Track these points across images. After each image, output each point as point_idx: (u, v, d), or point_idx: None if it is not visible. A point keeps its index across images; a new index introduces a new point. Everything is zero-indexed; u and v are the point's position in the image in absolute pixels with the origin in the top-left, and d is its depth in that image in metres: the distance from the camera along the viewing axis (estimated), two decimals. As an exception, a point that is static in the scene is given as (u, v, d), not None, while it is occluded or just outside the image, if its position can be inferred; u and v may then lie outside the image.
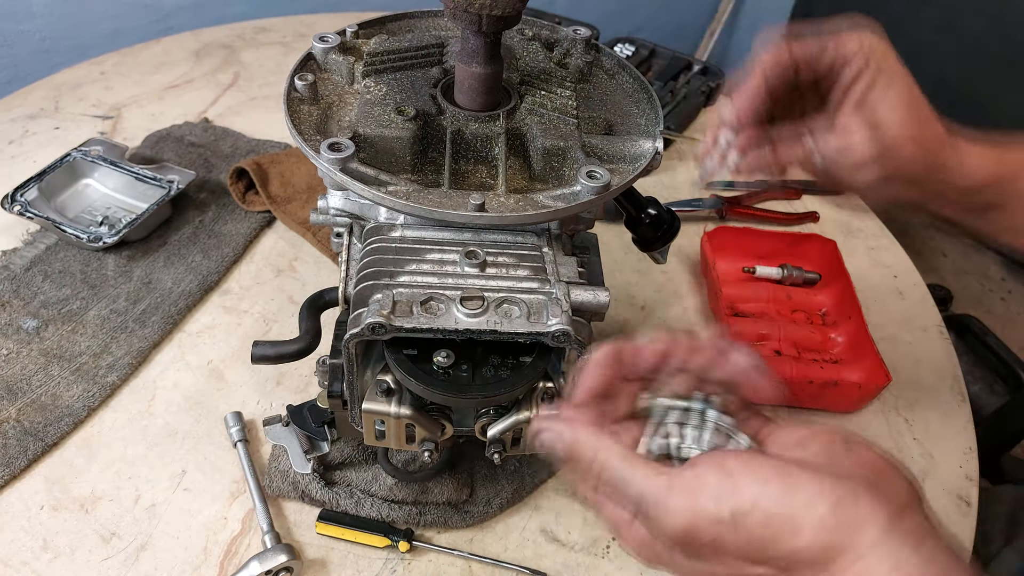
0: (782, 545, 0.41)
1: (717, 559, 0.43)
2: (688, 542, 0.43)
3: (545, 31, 0.79)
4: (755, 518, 0.41)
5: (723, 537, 0.42)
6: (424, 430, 0.61)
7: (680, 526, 0.42)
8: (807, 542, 0.40)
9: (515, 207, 0.59)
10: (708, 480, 0.43)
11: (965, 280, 2.44)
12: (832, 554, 0.40)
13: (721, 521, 0.41)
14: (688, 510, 0.42)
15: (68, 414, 0.81)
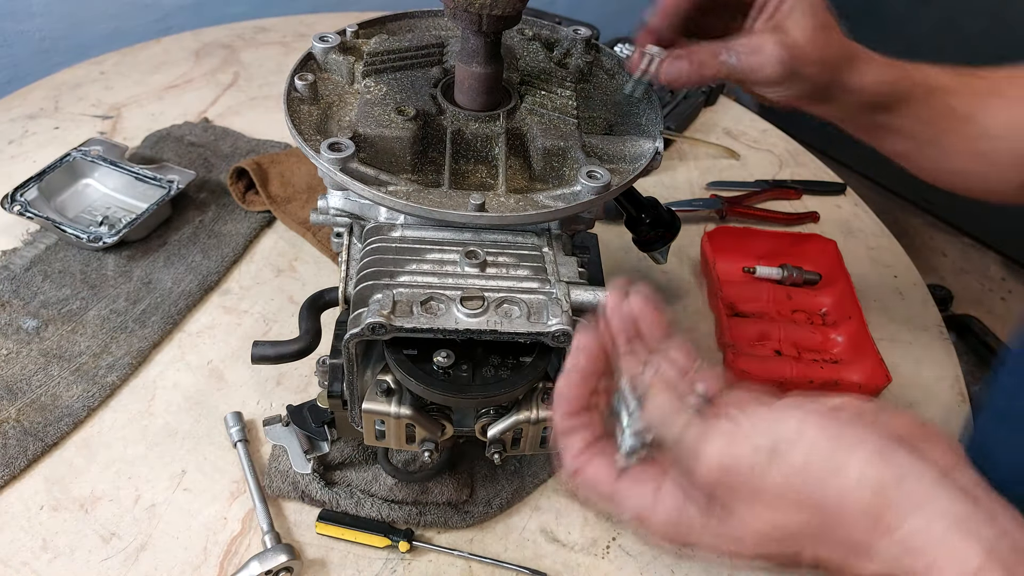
0: (827, 485, 0.38)
1: (757, 499, 0.40)
2: (727, 472, 0.41)
3: (545, 31, 0.79)
4: (797, 452, 0.39)
5: (763, 469, 0.39)
6: (424, 430, 0.61)
7: (720, 453, 0.41)
8: (854, 485, 0.38)
9: (515, 207, 0.59)
10: (751, 414, 0.41)
11: (965, 280, 2.44)
12: (883, 505, 0.37)
13: (760, 449, 0.40)
14: (730, 438, 0.41)
15: (68, 414, 0.81)
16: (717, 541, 0.44)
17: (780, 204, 1.23)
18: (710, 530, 0.43)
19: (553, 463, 0.82)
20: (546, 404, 0.61)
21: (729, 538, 0.43)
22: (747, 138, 1.37)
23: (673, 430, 0.44)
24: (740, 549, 0.43)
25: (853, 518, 0.38)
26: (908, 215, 2.64)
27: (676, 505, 0.44)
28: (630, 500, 0.46)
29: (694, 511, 0.44)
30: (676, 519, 0.44)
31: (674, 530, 0.45)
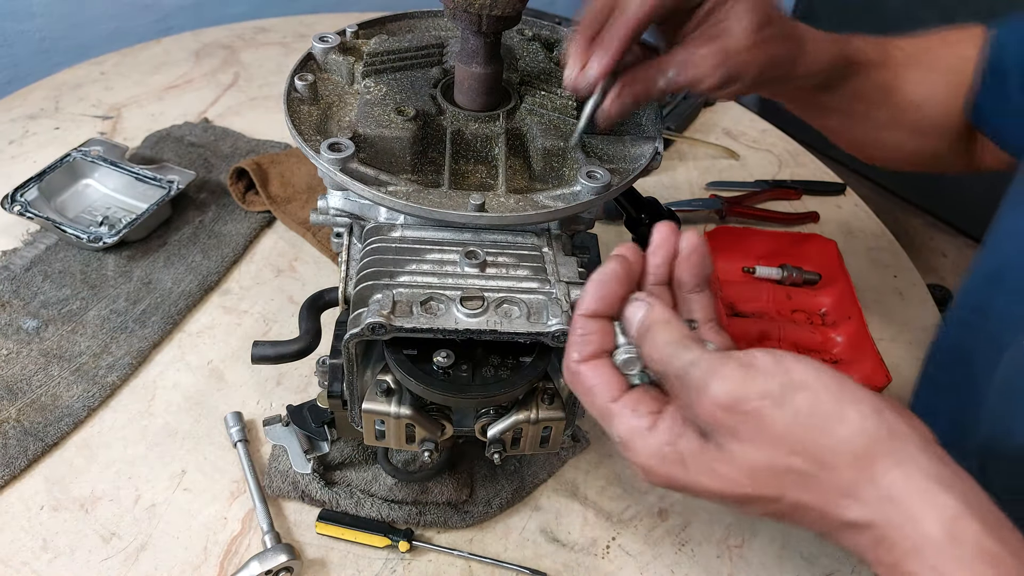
0: (827, 432, 0.41)
1: (755, 439, 0.42)
2: (730, 410, 0.42)
3: (545, 31, 0.79)
4: (803, 397, 0.41)
5: (767, 411, 0.41)
6: (424, 430, 0.61)
7: (727, 390, 0.42)
8: (851, 433, 0.40)
9: (515, 207, 0.59)
10: (762, 359, 0.43)
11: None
12: (873, 454, 0.40)
13: (769, 394, 0.41)
14: (738, 378, 0.42)
15: (68, 414, 0.81)
16: (703, 477, 0.44)
17: (780, 204, 1.23)
18: (700, 464, 0.44)
19: (553, 463, 0.82)
20: (546, 404, 0.61)
21: (717, 475, 0.43)
22: (747, 138, 1.37)
23: (677, 363, 0.44)
24: (725, 487, 0.43)
25: (845, 463, 0.40)
26: (908, 215, 2.64)
27: (671, 437, 0.45)
28: (623, 422, 0.46)
29: (688, 443, 0.44)
30: (668, 450, 0.45)
31: (661, 461, 0.45)
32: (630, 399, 0.47)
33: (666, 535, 0.78)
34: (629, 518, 0.79)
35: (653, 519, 0.79)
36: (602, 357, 0.49)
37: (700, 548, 0.77)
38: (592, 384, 0.48)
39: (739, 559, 0.77)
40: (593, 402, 0.48)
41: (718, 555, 0.77)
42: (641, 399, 0.47)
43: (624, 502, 0.80)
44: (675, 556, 0.76)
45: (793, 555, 0.78)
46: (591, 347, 0.49)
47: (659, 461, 0.45)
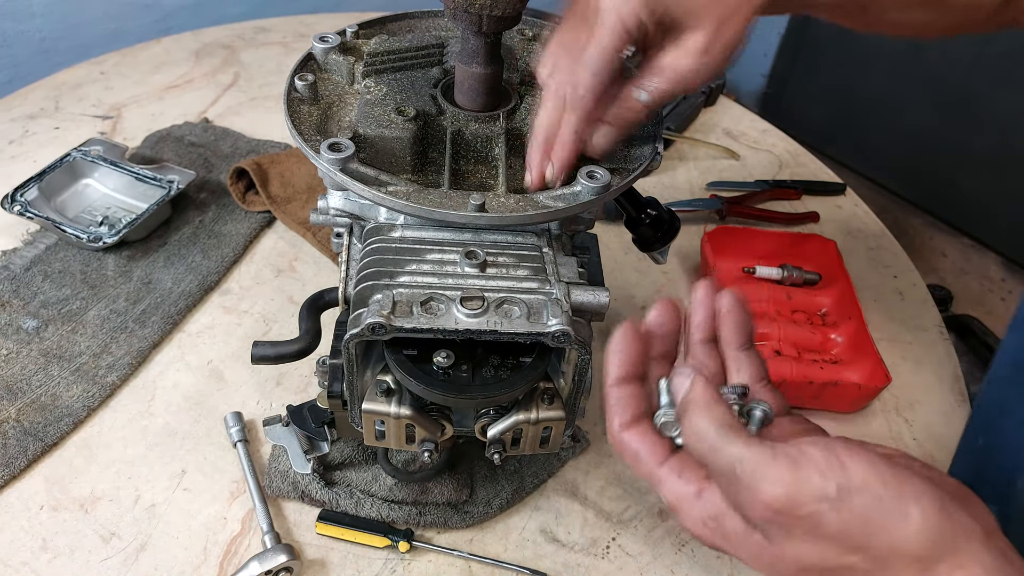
0: (887, 532, 0.39)
1: (809, 539, 0.40)
2: (783, 514, 0.40)
3: (545, 31, 0.79)
4: (863, 499, 0.39)
5: (823, 515, 0.40)
6: (424, 430, 0.61)
7: (779, 495, 0.40)
8: (913, 533, 0.39)
9: (515, 207, 0.59)
10: (814, 454, 0.41)
11: (965, 280, 2.44)
12: (936, 555, 0.39)
13: (826, 497, 0.39)
14: (791, 480, 0.40)
15: (68, 414, 0.81)
16: (752, 557, 0.44)
17: (780, 204, 1.23)
18: (746, 547, 0.43)
19: (553, 463, 0.82)
20: (546, 404, 0.61)
21: (763, 561, 0.43)
22: (747, 138, 1.37)
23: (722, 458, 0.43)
24: (772, 573, 0.43)
25: (904, 563, 0.39)
26: (908, 215, 2.64)
27: (716, 511, 0.44)
28: (670, 489, 0.46)
29: (733, 524, 0.43)
30: (714, 523, 0.44)
31: (710, 531, 0.45)
32: (676, 463, 0.46)
33: (666, 535, 0.78)
34: (629, 518, 0.79)
35: (653, 519, 0.79)
36: (643, 421, 0.49)
37: (700, 548, 0.77)
38: (636, 450, 0.48)
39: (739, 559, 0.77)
40: (639, 468, 0.48)
41: (718, 555, 0.77)
42: (687, 462, 0.46)
43: (624, 502, 0.80)
44: (675, 556, 0.76)
45: (793, 555, 0.78)
46: (629, 413, 0.48)
47: (702, 531, 0.45)
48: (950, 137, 2.46)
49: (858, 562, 0.40)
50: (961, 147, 2.45)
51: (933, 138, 2.50)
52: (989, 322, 2.05)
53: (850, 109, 2.68)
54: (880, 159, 2.68)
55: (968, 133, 2.41)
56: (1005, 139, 2.33)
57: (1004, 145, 2.34)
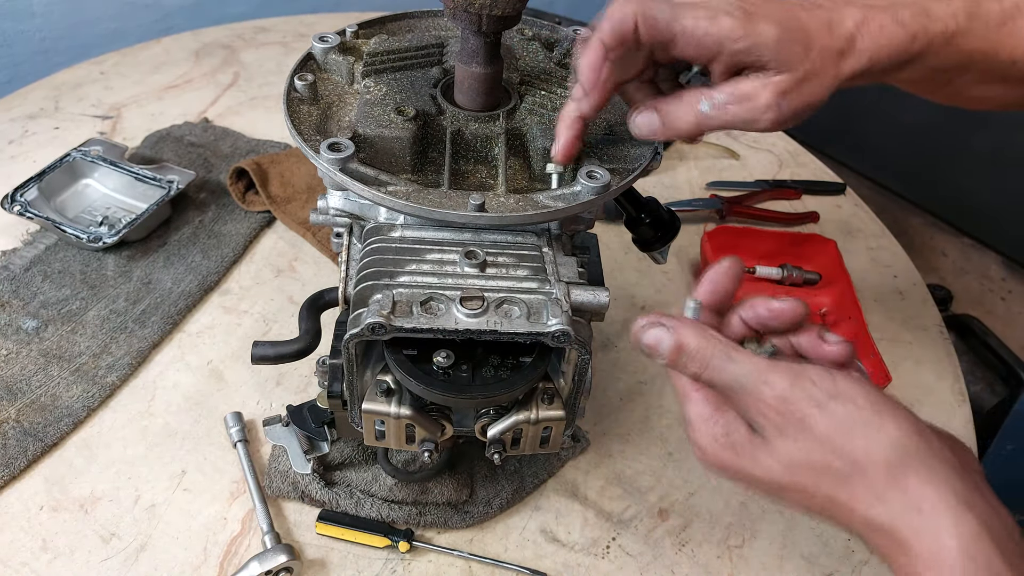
0: (863, 440, 0.45)
1: (798, 437, 0.46)
2: (779, 413, 0.46)
3: (545, 31, 0.79)
4: (846, 408, 0.45)
5: (812, 417, 0.46)
6: (424, 430, 0.61)
7: (776, 395, 0.46)
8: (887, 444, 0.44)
9: (515, 207, 0.59)
10: (810, 369, 0.47)
11: (965, 280, 2.44)
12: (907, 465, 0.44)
13: (815, 401, 0.46)
14: (788, 384, 0.47)
15: (68, 414, 0.81)
16: (748, 464, 0.49)
17: (780, 204, 1.23)
18: (747, 452, 0.49)
19: (553, 463, 0.82)
20: (546, 404, 0.61)
21: (760, 464, 0.48)
22: (747, 138, 1.37)
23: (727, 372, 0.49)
24: (765, 475, 0.48)
25: (875, 470, 0.44)
26: (908, 215, 2.64)
27: (726, 428, 0.50)
28: (694, 407, 0.52)
29: (739, 435, 0.49)
30: (724, 437, 0.50)
31: (715, 446, 0.50)
32: (707, 391, 0.52)
33: (666, 535, 0.78)
34: (629, 518, 0.79)
35: (653, 519, 0.79)
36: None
37: (700, 548, 0.77)
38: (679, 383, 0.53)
39: (739, 559, 0.77)
40: (678, 384, 0.53)
41: (718, 555, 0.77)
42: (712, 393, 0.51)
43: (624, 502, 0.80)
44: (675, 556, 0.76)
45: (793, 555, 0.78)
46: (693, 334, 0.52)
47: (713, 445, 0.50)
48: (950, 137, 2.46)
49: (838, 463, 0.45)
50: (961, 147, 2.45)
51: (933, 138, 2.50)
52: (989, 322, 2.05)
53: (850, 109, 2.68)
54: (880, 159, 2.68)
55: (968, 133, 2.41)
56: (1005, 139, 2.33)
57: (1004, 145, 2.34)
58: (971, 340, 1.97)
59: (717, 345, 0.50)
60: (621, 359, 0.95)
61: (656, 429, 0.88)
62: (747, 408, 0.48)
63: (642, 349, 0.52)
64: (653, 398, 0.91)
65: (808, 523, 0.81)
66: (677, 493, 0.82)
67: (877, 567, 0.78)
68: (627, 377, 0.93)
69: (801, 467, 0.46)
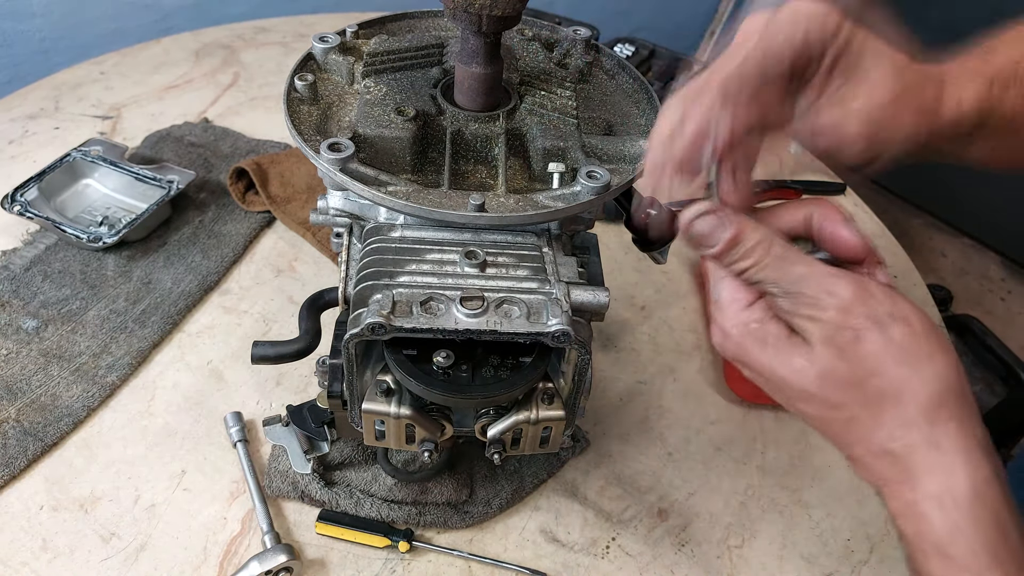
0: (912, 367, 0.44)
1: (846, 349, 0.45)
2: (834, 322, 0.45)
3: (545, 31, 0.79)
4: (902, 331, 0.45)
5: (867, 332, 0.45)
6: (424, 430, 0.61)
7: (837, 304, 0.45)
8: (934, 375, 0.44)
9: (515, 207, 0.59)
10: (873, 286, 0.46)
11: (965, 280, 2.44)
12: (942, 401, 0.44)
13: (874, 316, 0.45)
14: (851, 294, 0.45)
15: (68, 414, 0.81)
16: (776, 360, 0.47)
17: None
18: (780, 349, 0.47)
19: (553, 463, 0.82)
20: (545, 404, 0.61)
21: (791, 365, 0.47)
22: (747, 138, 1.37)
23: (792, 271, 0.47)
24: (793, 377, 0.47)
25: (912, 398, 0.44)
26: (908, 215, 2.64)
27: (762, 317, 0.48)
28: (728, 289, 0.50)
29: (776, 328, 0.47)
30: (755, 327, 0.48)
31: (743, 332, 0.48)
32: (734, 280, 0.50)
33: (666, 535, 0.78)
34: (629, 518, 0.79)
35: (653, 519, 0.79)
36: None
37: (700, 548, 0.77)
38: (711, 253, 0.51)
39: (739, 559, 0.77)
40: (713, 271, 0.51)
41: (718, 555, 0.77)
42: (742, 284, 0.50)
43: (624, 502, 0.80)
44: (675, 556, 0.76)
45: (793, 555, 0.78)
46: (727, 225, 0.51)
47: (741, 331, 0.49)
48: (950, 137, 2.46)
49: (878, 383, 0.45)
50: (961, 147, 2.44)
51: (933, 138, 2.50)
52: (989, 322, 2.05)
53: (850, 109, 2.68)
54: (880, 159, 2.68)
55: (968, 133, 2.41)
56: (1005, 139, 2.33)
57: (1004, 145, 2.34)
58: (971, 340, 1.97)
59: (776, 243, 0.48)
60: (621, 359, 0.95)
61: (656, 429, 0.88)
62: (797, 310, 0.47)
63: (691, 236, 0.50)
64: (653, 398, 0.91)
65: (808, 523, 0.81)
66: (677, 493, 0.82)
67: (876, 567, 0.78)
68: (627, 377, 0.93)
69: (836, 379, 0.45)
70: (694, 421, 0.89)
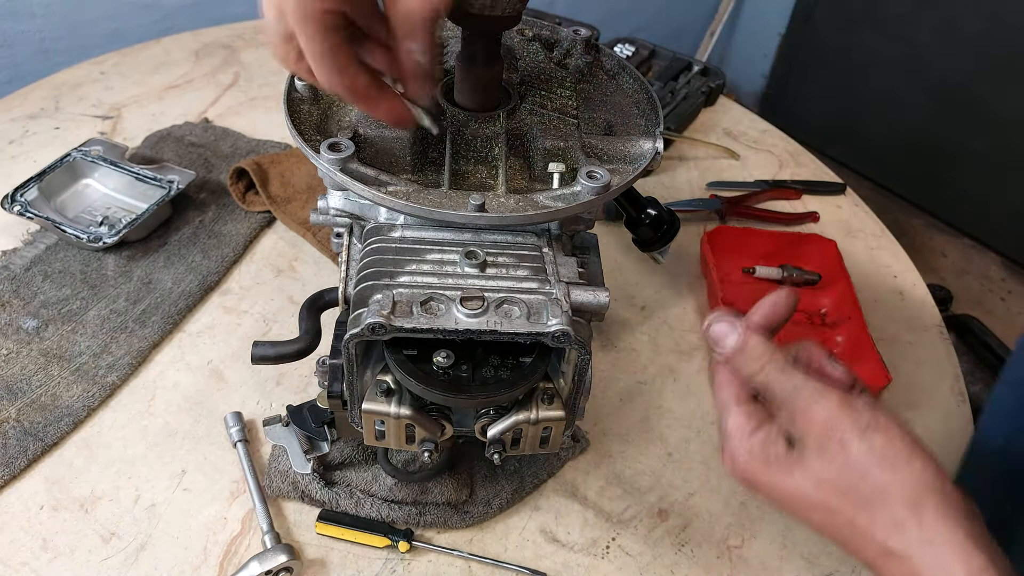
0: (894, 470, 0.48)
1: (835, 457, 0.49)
2: (823, 433, 0.50)
3: (545, 31, 0.79)
4: (882, 439, 0.49)
5: (852, 442, 0.49)
6: (424, 430, 0.61)
7: (825, 416, 0.50)
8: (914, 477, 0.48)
9: (515, 207, 0.59)
10: (856, 400, 0.51)
11: (965, 280, 2.44)
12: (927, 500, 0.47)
13: (858, 428, 0.49)
14: (836, 407, 0.50)
15: (68, 414, 0.81)
16: (779, 476, 0.51)
17: (780, 204, 1.23)
18: (781, 465, 0.51)
19: (553, 463, 0.82)
20: (546, 404, 0.61)
21: (792, 478, 0.51)
22: (747, 138, 1.37)
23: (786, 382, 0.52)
24: (795, 489, 0.51)
25: (898, 500, 0.48)
26: (908, 215, 2.64)
27: (765, 440, 0.52)
28: (735, 419, 0.54)
29: (777, 448, 0.52)
30: (759, 450, 0.52)
31: (749, 456, 0.53)
32: (748, 407, 0.55)
33: (666, 535, 0.78)
34: (629, 518, 0.79)
35: (653, 519, 0.79)
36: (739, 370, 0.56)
37: (700, 548, 0.77)
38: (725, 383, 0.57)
39: (739, 559, 0.77)
40: (720, 395, 0.56)
41: (718, 555, 0.77)
42: (755, 410, 0.55)
43: (624, 502, 0.80)
44: (675, 556, 0.76)
45: (793, 555, 0.78)
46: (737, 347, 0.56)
47: (747, 456, 0.53)
48: (950, 137, 2.46)
49: (864, 488, 0.49)
50: (961, 147, 2.45)
51: (933, 138, 2.50)
52: (989, 322, 2.05)
53: (850, 109, 2.68)
54: (880, 159, 2.68)
55: (968, 133, 2.41)
56: (1005, 139, 2.33)
57: (1004, 145, 2.34)
58: (971, 340, 1.97)
59: (777, 353, 0.53)
60: (621, 359, 0.95)
61: (656, 429, 0.88)
62: (793, 419, 0.51)
63: (708, 339, 0.56)
64: (653, 398, 0.91)
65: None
66: (677, 493, 0.82)
67: (877, 567, 0.78)
68: (627, 377, 0.93)
69: (831, 485, 0.49)
70: (694, 421, 0.89)
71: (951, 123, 2.44)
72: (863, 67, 2.57)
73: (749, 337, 0.54)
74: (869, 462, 0.48)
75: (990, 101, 2.32)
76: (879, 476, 0.48)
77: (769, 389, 0.53)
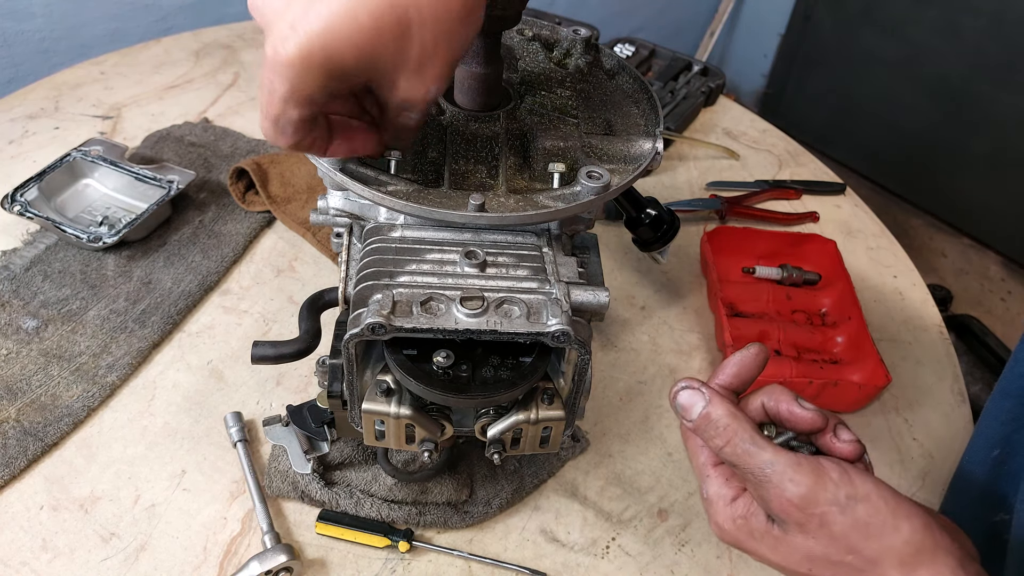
0: (879, 539, 0.48)
1: (818, 534, 0.49)
2: (801, 510, 0.49)
3: (545, 31, 0.79)
4: (865, 508, 0.48)
5: (832, 516, 0.48)
6: (424, 430, 0.61)
7: (800, 494, 0.48)
8: (902, 542, 0.47)
9: (515, 207, 0.59)
10: (831, 468, 0.49)
11: (965, 280, 2.44)
12: (917, 562, 0.47)
13: (836, 502, 0.48)
14: (811, 484, 0.49)
15: (68, 414, 0.81)
16: (765, 549, 0.52)
17: (780, 204, 1.23)
18: (765, 540, 0.51)
19: (553, 463, 0.82)
20: (546, 404, 0.61)
21: (779, 552, 0.51)
22: (747, 138, 1.37)
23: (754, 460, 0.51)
24: (784, 562, 0.51)
25: (891, 565, 0.48)
26: (908, 215, 2.64)
27: (745, 512, 0.53)
28: (713, 487, 0.55)
29: (758, 522, 0.52)
30: (742, 520, 0.53)
31: (733, 527, 0.53)
32: (725, 470, 0.55)
33: (666, 535, 0.78)
34: (629, 518, 0.79)
35: (653, 519, 0.79)
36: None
37: (700, 548, 0.77)
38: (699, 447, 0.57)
39: (739, 559, 0.77)
40: (696, 461, 0.57)
41: (718, 555, 0.77)
42: (734, 474, 0.54)
43: (624, 502, 0.80)
44: (675, 556, 0.76)
45: (793, 555, 0.78)
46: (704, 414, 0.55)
47: (731, 526, 0.53)
48: (950, 137, 2.46)
49: (854, 560, 0.48)
50: (961, 147, 2.45)
51: (933, 138, 2.50)
52: (989, 322, 2.05)
53: (850, 109, 2.68)
54: (880, 159, 2.68)
55: (968, 133, 2.41)
56: (1005, 140, 2.33)
57: (1004, 146, 2.34)
58: (971, 340, 1.97)
59: (744, 427, 0.52)
60: (621, 359, 0.95)
61: (656, 429, 0.88)
62: (768, 500, 0.50)
63: (675, 407, 0.55)
64: (653, 398, 0.91)
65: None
66: (676, 493, 0.82)
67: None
68: (627, 377, 0.93)
69: (820, 559, 0.49)
70: (694, 421, 0.89)
71: (951, 123, 2.44)
72: (863, 67, 2.57)
73: (712, 409, 0.53)
74: (855, 536, 0.48)
75: (990, 101, 2.32)
76: (867, 547, 0.48)
77: (739, 467, 0.52)
